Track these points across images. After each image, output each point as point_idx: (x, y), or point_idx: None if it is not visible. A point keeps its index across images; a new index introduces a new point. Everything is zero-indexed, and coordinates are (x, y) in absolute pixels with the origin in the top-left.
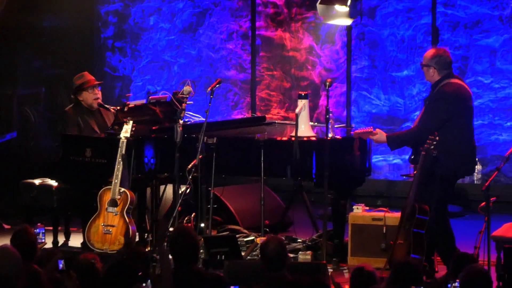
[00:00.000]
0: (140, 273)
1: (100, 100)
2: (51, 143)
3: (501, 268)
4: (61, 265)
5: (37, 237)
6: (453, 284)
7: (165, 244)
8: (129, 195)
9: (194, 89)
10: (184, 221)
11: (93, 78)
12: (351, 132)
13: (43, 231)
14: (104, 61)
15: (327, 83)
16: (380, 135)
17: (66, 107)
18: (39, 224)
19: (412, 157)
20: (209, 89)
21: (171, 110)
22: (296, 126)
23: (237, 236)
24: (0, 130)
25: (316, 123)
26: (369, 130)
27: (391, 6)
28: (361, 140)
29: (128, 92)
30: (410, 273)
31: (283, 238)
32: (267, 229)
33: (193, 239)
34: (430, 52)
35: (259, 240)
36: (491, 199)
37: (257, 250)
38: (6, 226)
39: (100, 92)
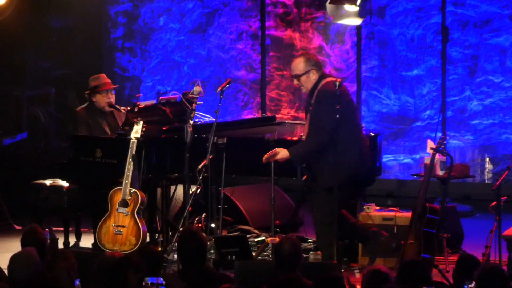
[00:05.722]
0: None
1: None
2: (61, 144)
3: None
4: (76, 285)
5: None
6: (470, 286)
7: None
8: (139, 196)
9: (204, 89)
10: (195, 222)
11: (109, 81)
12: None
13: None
14: (114, 61)
15: (337, 83)
16: (283, 152)
17: (77, 107)
18: (47, 229)
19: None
20: (219, 89)
21: (181, 110)
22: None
23: (247, 236)
24: (10, 131)
25: None
26: (274, 153)
27: (401, 6)
28: (372, 140)
29: (138, 92)
30: (418, 272)
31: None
32: (278, 229)
33: (200, 240)
34: (299, 59)
35: (270, 240)
36: (502, 198)
37: (268, 250)
38: (17, 227)
39: (113, 96)
